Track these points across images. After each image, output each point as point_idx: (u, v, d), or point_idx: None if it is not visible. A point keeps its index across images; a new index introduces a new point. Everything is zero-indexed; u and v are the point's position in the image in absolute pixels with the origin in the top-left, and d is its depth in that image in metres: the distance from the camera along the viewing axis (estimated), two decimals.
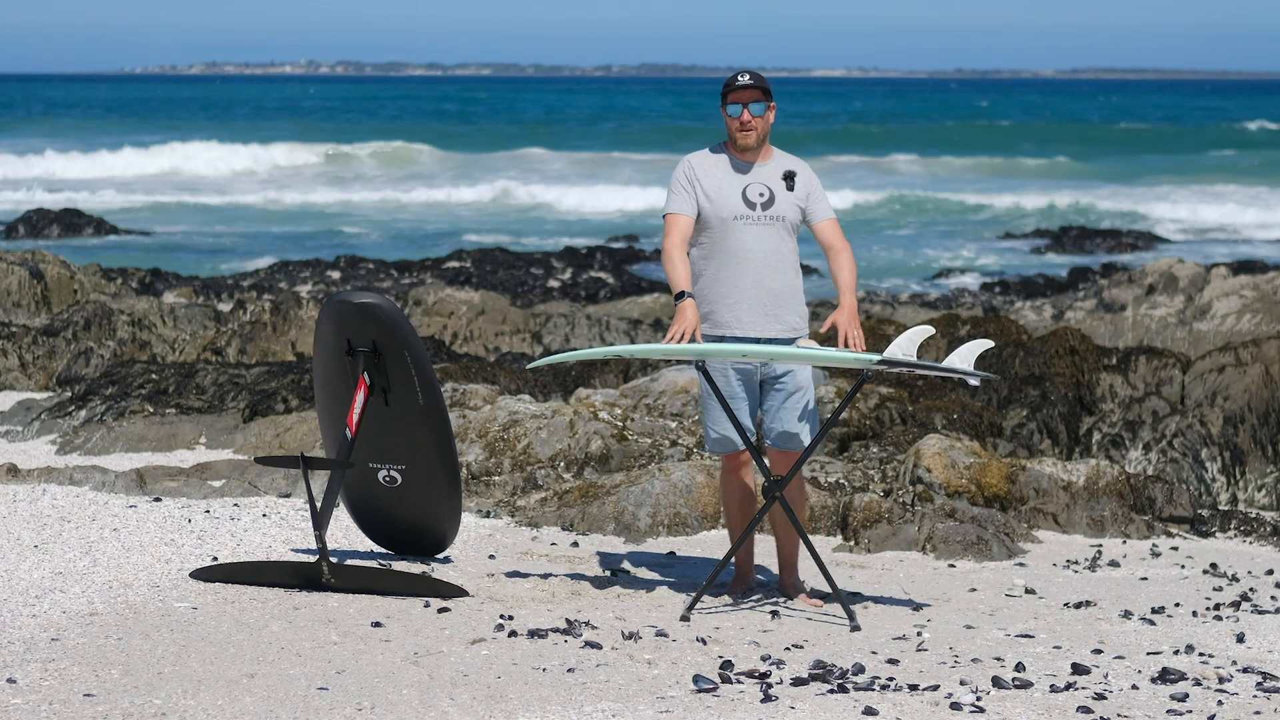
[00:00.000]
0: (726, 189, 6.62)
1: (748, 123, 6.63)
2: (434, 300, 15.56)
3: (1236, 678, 5.80)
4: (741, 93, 6.63)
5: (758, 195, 6.63)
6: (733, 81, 6.67)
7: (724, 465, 6.87)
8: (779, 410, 6.70)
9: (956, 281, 23.81)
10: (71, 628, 6.10)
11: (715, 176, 6.64)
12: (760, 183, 6.65)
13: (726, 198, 6.61)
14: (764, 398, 6.75)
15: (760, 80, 6.65)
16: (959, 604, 6.97)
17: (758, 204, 6.62)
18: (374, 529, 7.48)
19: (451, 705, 5.33)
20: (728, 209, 6.60)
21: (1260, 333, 13.75)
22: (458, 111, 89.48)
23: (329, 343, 7.04)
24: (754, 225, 6.60)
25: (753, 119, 6.63)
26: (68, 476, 8.76)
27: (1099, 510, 8.67)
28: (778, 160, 6.73)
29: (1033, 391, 10.77)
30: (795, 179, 6.67)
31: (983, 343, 6.58)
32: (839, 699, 5.47)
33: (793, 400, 6.68)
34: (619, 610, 6.64)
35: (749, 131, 6.64)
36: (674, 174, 6.70)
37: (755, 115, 6.63)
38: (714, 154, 6.72)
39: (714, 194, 6.61)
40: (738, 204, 6.61)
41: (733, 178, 6.65)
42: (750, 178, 6.66)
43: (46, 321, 13.76)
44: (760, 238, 6.60)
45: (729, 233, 6.59)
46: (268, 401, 10.96)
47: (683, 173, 6.67)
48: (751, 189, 6.64)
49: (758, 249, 6.59)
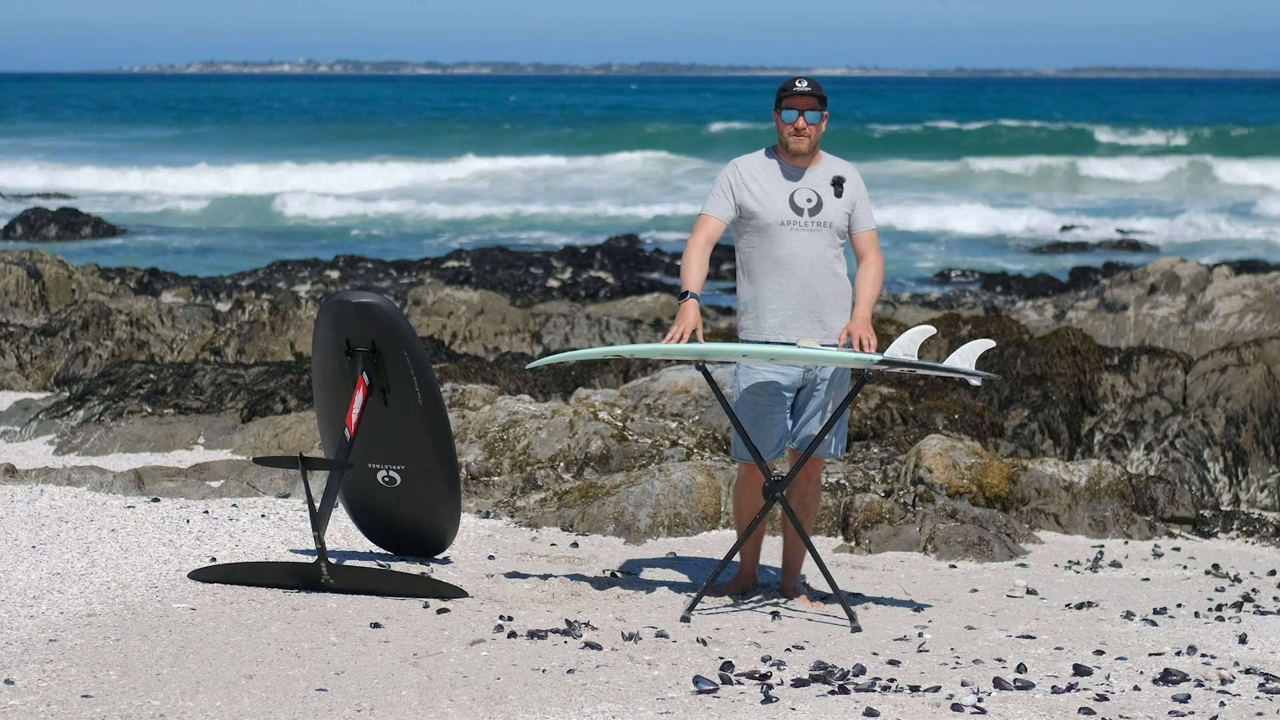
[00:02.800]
0: (774, 194, 6.61)
1: (802, 129, 6.61)
2: (433, 300, 15.53)
3: (1239, 679, 5.79)
4: (798, 99, 6.62)
5: (805, 201, 6.62)
6: (790, 87, 6.65)
7: (741, 472, 6.87)
8: (810, 416, 6.71)
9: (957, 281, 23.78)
10: (69, 629, 6.08)
11: (763, 181, 6.64)
12: (809, 188, 6.64)
13: (774, 202, 6.60)
14: (798, 401, 6.74)
15: (817, 88, 6.65)
16: (960, 605, 6.95)
17: (805, 210, 6.61)
18: (373, 530, 7.46)
19: (451, 706, 5.31)
20: (775, 214, 6.59)
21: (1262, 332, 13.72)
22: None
23: (328, 343, 7.02)
24: (801, 231, 6.59)
25: (807, 126, 6.61)
26: (65, 477, 8.74)
27: (1101, 511, 8.65)
28: (827, 165, 6.71)
29: (1034, 391, 10.75)
30: (844, 185, 6.66)
31: (984, 342, 6.57)
32: (840, 700, 5.45)
33: (828, 408, 6.68)
34: (619, 611, 6.62)
35: (802, 138, 6.62)
36: (719, 175, 6.71)
37: (810, 123, 6.62)
38: (765, 158, 6.71)
39: (762, 198, 6.61)
40: (785, 209, 6.60)
41: (781, 183, 6.64)
42: (799, 184, 6.64)
43: (44, 321, 13.73)
44: (807, 243, 6.59)
45: (776, 238, 6.59)
46: (266, 402, 10.94)
47: (727, 176, 6.68)
48: (800, 194, 6.62)
49: (804, 255, 6.58)
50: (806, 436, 6.73)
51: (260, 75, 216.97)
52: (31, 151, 49.85)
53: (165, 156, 49.65)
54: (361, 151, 51.39)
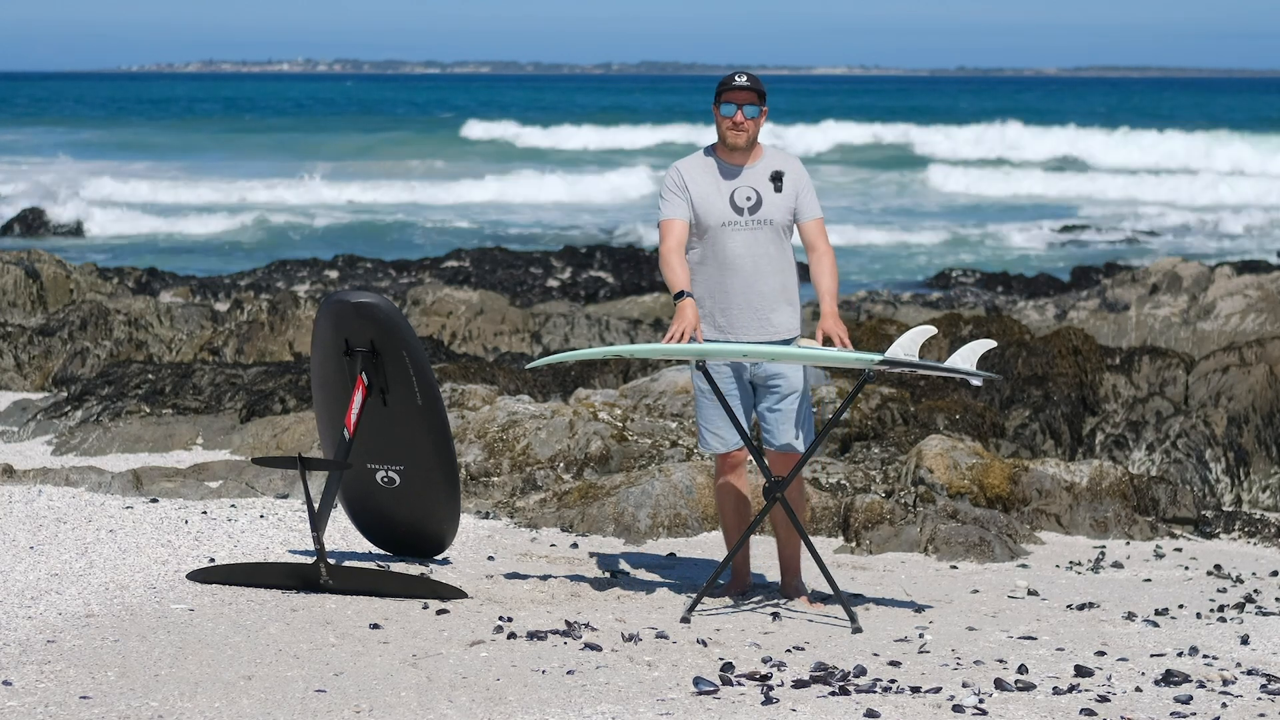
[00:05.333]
0: (714, 195, 6.60)
1: (740, 124, 6.60)
2: (432, 300, 15.51)
3: (1241, 680, 5.77)
4: (736, 93, 6.60)
5: (745, 199, 6.60)
6: (729, 81, 6.64)
7: (717, 466, 6.85)
8: (773, 413, 6.68)
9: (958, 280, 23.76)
10: (67, 629, 6.07)
11: (702, 183, 6.63)
12: (748, 186, 6.62)
13: (714, 204, 6.59)
14: (758, 399, 6.72)
15: (756, 83, 6.63)
16: (961, 606, 6.94)
17: (745, 209, 6.59)
18: (372, 530, 7.44)
19: (450, 707, 5.30)
20: (715, 216, 6.59)
21: (1264, 332, 13.71)
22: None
23: (327, 343, 7.01)
24: (742, 230, 6.58)
25: (745, 120, 6.60)
26: (64, 477, 8.72)
27: (1102, 511, 8.63)
28: (767, 160, 6.69)
29: (1035, 392, 10.73)
30: (784, 179, 6.64)
31: (985, 342, 6.55)
32: (840, 701, 5.44)
33: (786, 403, 6.65)
34: (619, 612, 6.60)
35: (740, 132, 6.60)
36: (664, 181, 6.69)
37: (748, 117, 6.60)
38: (703, 158, 6.70)
39: (701, 201, 6.60)
40: (725, 210, 6.59)
41: (720, 183, 6.63)
42: (738, 182, 6.63)
43: (42, 321, 13.72)
44: (748, 243, 6.59)
45: (718, 239, 6.59)
46: (265, 402, 10.92)
47: (672, 179, 6.67)
48: (739, 193, 6.61)
49: (746, 254, 6.58)
50: (775, 435, 6.70)
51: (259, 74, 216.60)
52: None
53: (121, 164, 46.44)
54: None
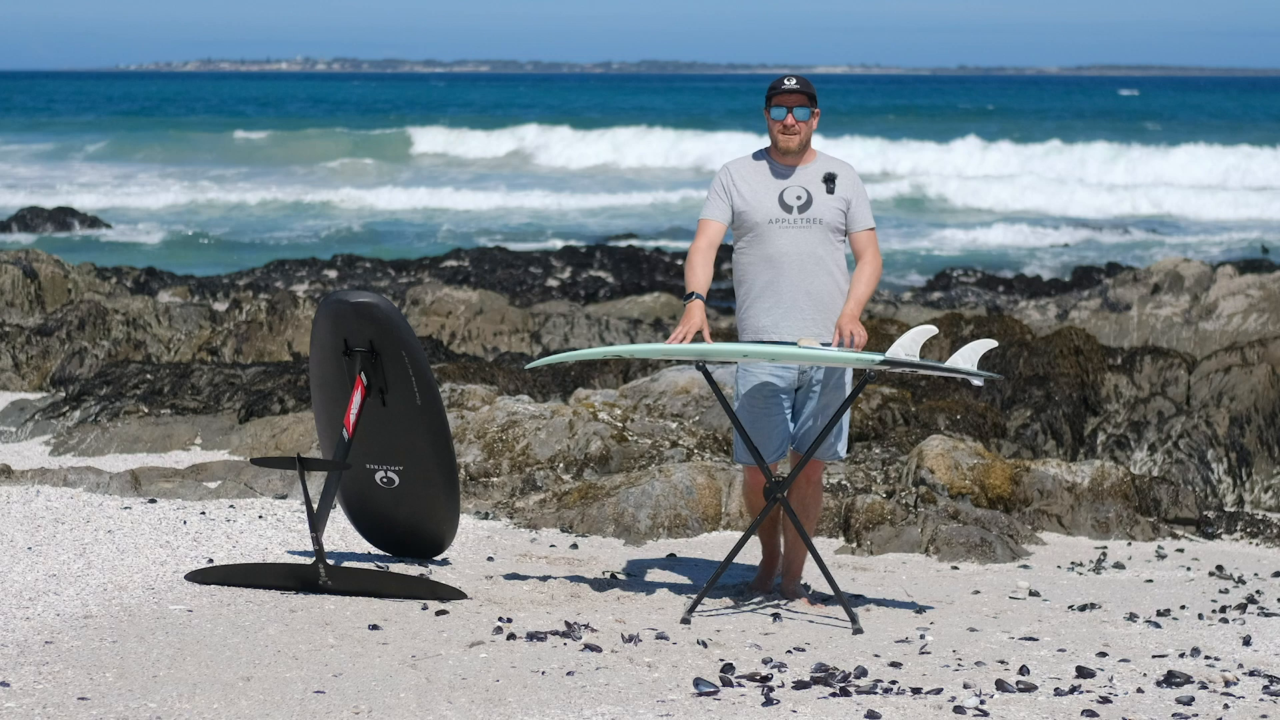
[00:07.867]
0: (763, 193, 6.62)
1: (791, 126, 6.61)
2: (432, 299, 15.49)
3: (1243, 681, 5.76)
4: (786, 96, 6.62)
5: (795, 198, 6.61)
6: (779, 85, 6.67)
7: (745, 476, 6.89)
8: (810, 418, 6.69)
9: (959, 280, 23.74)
10: (65, 630, 6.05)
11: (752, 182, 6.64)
12: (799, 185, 6.63)
13: (763, 202, 6.60)
14: (796, 403, 6.71)
15: (807, 85, 6.66)
16: (962, 606, 6.92)
17: (794, 207, 6.60)
18: (371, 531, 7.42)
19: (449, 709, 5.28)
20: (763, 213, 6.59)
21: (1267, 332, 13.68)
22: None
23: (325, 343, 6.99)
24: (790, 228, 6.58)
25: (796, 123, 6.62)
26: (61, 478, 8.70)
27: (1104, 512, 8.61)
28: (820, 163, 6.70)
29: (1037, 392, 10.71)
30: (836, 181, 6.64)
31: (986, 342, 6.54)
32: (841, 702, 5.43)
33: (826, 410, 6.65)
34: (619, 613, 6.59)
35: (791, 135, 6.62)
36: (713, 179, 6.72)
37: (799, 120, 6.62)
38: (754, 160, 6.72)
39: (750, 198, 6.61)
40: (774, 208, 6.60)
41: (770, 182, 6.64)
42: (789, 181, 6.64)
43: (40, 321, 13.69)
44: (797, 240, 6.58)
45: (766, 236, 6.59)
46: (264, 402, 10.90)
47: (720, 180, 6.70)
48: (789, 192, 6.62)
49: (794, 252, 6.57)
50: (807, 438, 6.71)
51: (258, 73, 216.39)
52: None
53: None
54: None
